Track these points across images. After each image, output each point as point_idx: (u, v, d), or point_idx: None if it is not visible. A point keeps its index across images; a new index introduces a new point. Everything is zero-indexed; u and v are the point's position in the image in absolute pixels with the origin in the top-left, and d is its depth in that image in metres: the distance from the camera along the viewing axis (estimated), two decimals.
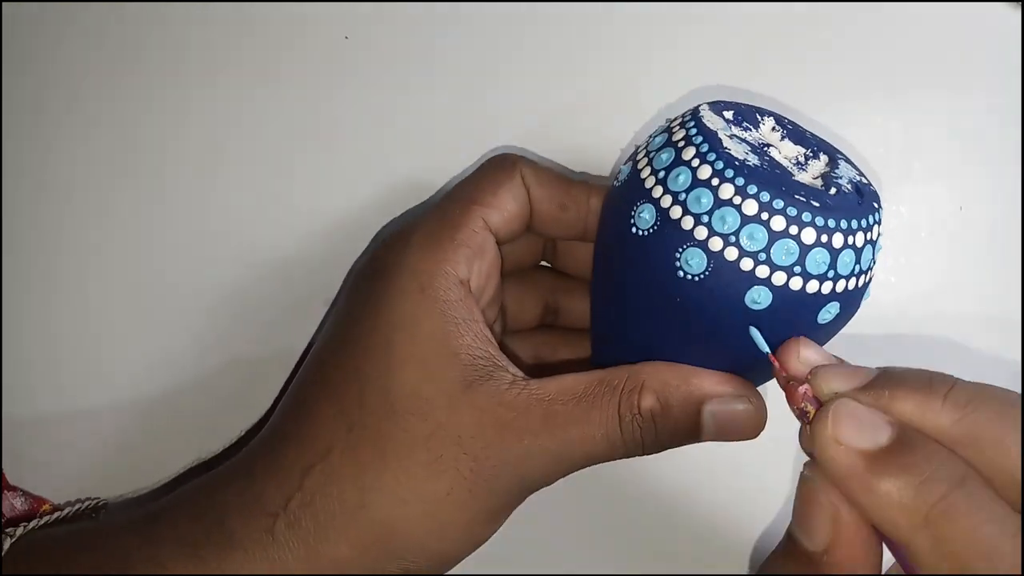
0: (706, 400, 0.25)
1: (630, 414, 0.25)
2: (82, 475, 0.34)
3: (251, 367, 0.34)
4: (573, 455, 0.26)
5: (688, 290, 0.24)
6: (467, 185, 0.29)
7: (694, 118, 0.26)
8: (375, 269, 0.28)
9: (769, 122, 0.27)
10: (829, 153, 0.27)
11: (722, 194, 0.24)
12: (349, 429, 0.26)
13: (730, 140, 0.25)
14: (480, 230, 0.28)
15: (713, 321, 0.24)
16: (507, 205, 0.29)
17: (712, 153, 0.24)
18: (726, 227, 0.23)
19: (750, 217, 0.23)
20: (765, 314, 0.24)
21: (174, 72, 0.33)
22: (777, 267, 0.23)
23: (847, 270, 0.24)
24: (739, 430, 0.26)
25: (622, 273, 0.26)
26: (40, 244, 0.34)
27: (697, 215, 0.24)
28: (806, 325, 0.25)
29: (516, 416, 0.25)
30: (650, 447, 0.26)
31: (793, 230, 0.23)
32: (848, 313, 0.26)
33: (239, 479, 0.27)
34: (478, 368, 0.26)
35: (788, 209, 0.23)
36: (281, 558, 0.25)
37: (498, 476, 0.25)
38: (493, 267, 0.29)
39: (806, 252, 0.23)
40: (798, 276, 0.24)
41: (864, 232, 0.24)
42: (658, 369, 0.26)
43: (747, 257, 0.23)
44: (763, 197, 0.23)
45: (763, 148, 0.26)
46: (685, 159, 0.24)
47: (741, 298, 0.24)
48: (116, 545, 0.26)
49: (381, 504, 0.25)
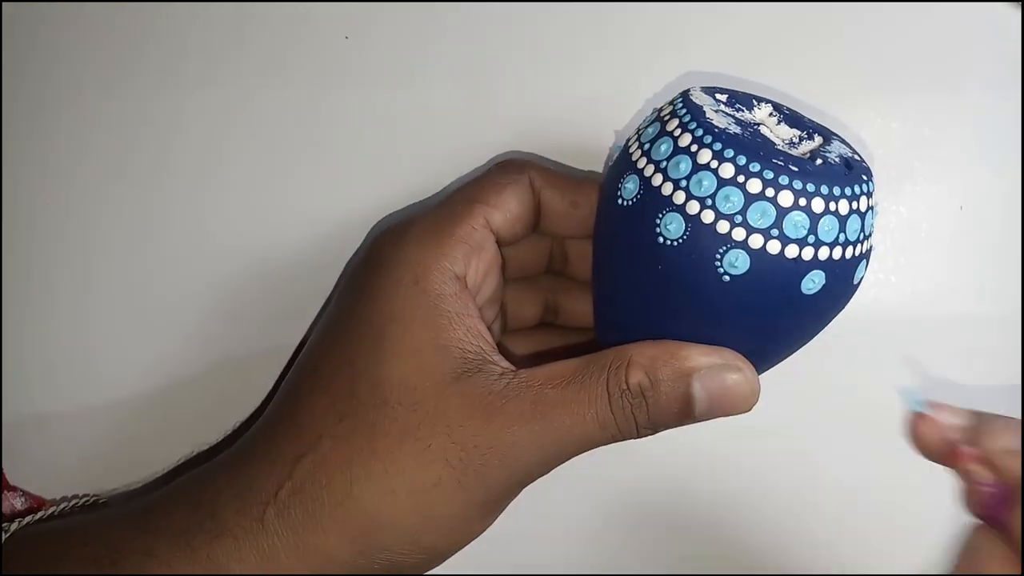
0: (695, 372, 0.25)
1: (619, 390, 0.25)
2: (79, 472, 0.34)
3: (247, 364, 0.34)
4: (564, 439, 0.25)
5: (668, 255, 0.24)
6: (472, 184, 0.30)
7: (683, 96, 0.26)
8: (371, 261, 0.28)
9: (766, 108, 0.28)
10: (824, 135, 0.27)
11: (700, 159, 0.24)
12: (340, 419, 0.26)
13: (715, 114, 0.25)
14: (480, 228, 0.28)
15: (693, 288, 0.24)
16: (511, 206, 0.29)
17: (694, 123, 0.24)
18: (702, 190, 0.24)
19: (726, 180, 0.23)
20: (744, 280, 0.24)
21: (172, 71, 0.33)
22: (753, 229, 0.23)
23: (829, 237, 0.24)
24: (731, 402, 0.26)
25: (610, 246, 0.27)
26: (37, 243, 0.33)
27: (676, 180, 0.24)
28: (790, 295, 0.24)
29: (505, 403, 0.25)
30: (644, 426, 0.26)
31: (770, 192, 0.23)
32: (837, 288, 0.25)
33: (232, 469, 0.27)
34: (468, 361, 0.26)
35: (765, 172, 0.23)
36: (271, 546, 0.25)
37: (488, 465, 0.25)
38: (491, 265, 0.29)
39: (783, 215, 0.23)
40: (775, 239, 0.23)
41: (848, 200, 0.24)
42: (646, 346, 0.26)
43: (723, 220, 0.23)
44: (739, 160, 0.24)
45: (752, 126, 0.26)
46: (668, 130, 0.25)
47: (718, 261, 0.24)
48: (110, 536, 0.26)
49: (370, 494, 0.25)
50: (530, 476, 0.26)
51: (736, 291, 0.24)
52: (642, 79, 0.33)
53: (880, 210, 0.33)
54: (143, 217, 0.34)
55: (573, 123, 0.33)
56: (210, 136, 0.33)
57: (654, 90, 0.33)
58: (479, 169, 0.33)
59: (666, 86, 0.33)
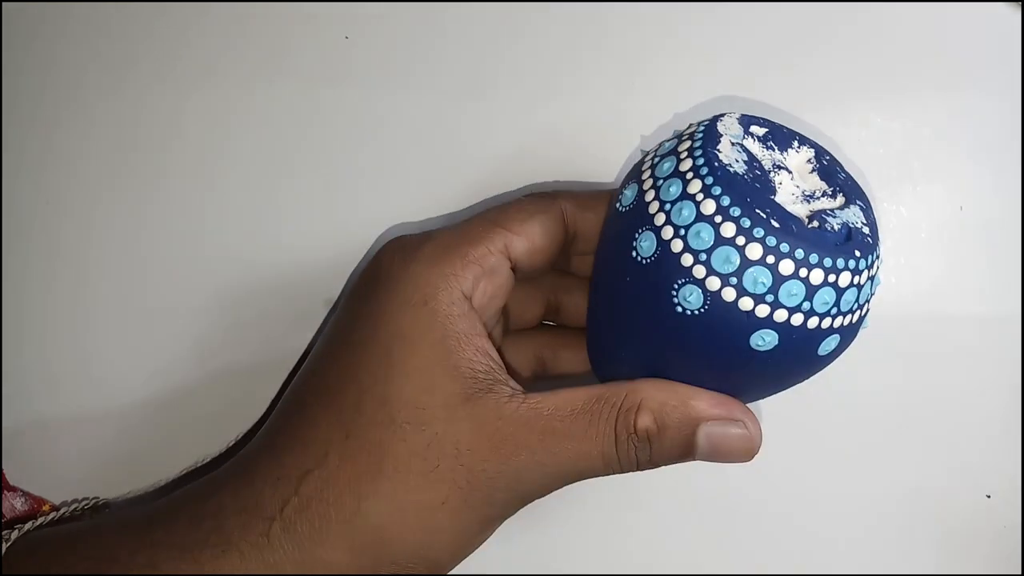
0: (702, 422, 0.26)
1: (626, 433, 0.26)
2: (81, 478, 0.34)
3: (250, 372, 0.34)
4: (568, 471, 0.26)
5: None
6: (500, 208, 0.29)
7: (703, 147, 0.25)
8: (379, 276, 0.28)
9: (806, 153, 0.27)
10: (849, 197, 0.26)
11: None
12: (346, 436, 0.26)
13: (731, 148, 0.25)
14: (496, 252, 0.28)
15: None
16: (535, 236, 0.29)
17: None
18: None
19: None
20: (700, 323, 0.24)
21: (173, 73, 0.33)
22: (714, 272, 0.23)
23: (793, 302, 0.23)
24: (732, 453, 0.26)
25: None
26: (39, 248, 0.33)
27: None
28: (739, 346, 0.24)
29: (514, 431, 0.25)
30: (644, 465, 0.26)
31: (740, 241, 0.23)
32: (792, 354, 0.25)
33: (236, 483, 0.27)
34: (478, 381, 0.26)
35: (742, 220, 0.23)
36: (277, 561, 0.25)
37: (494, 488, 0.26)
38: (500, 290, 0.29)
39: (746, 266, 0.23)
40: (732, 288, 0.23)
41: (825, 271, 0.23)
42: (656, 388, 0.26)
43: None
44: (722, 201, 0.23)
45: (765, 169, 0.25)
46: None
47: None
48: (113, 548, 0.26)
49: (377, 511, 0.25)
50: (532, 498, 0.27)
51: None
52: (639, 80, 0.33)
53: (880, 210, 0.33)
54: (146, 224, 0.33)
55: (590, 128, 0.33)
56: (212, 140, 0.33)
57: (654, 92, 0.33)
58: (510, 195, 0.33)
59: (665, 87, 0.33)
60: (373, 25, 0.33)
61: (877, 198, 0.33)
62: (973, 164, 0.33)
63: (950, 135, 0.33)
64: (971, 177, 0.33)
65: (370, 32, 0.33)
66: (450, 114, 0.33)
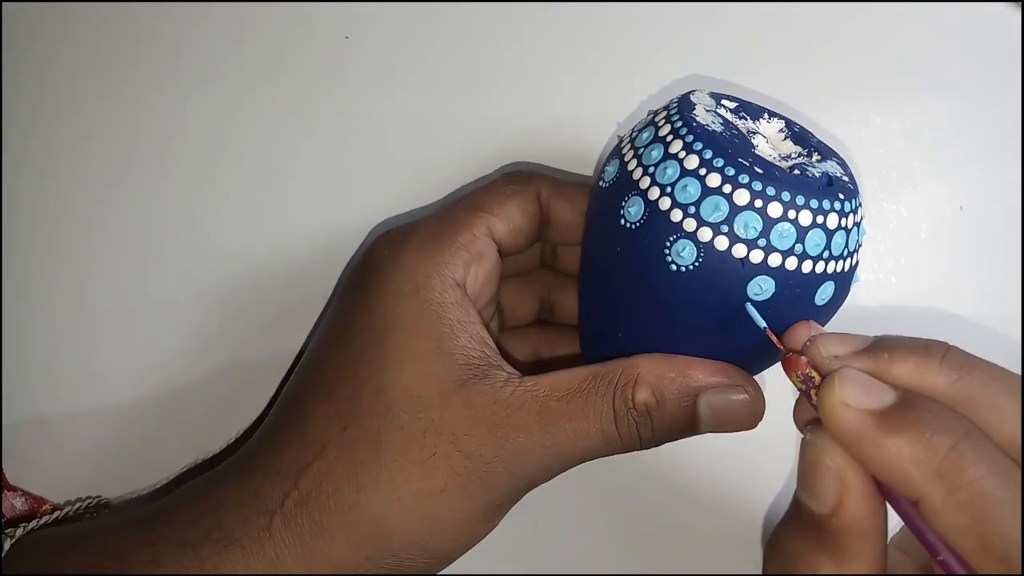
0: (701, 391, 0.25)
1: (624, 408, 0.25)
2: (81, 476, 0.34)
3: (249, 369, 0.34)
4: (569, 452, 0.26)
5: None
6: (476, 193, 0.29)
7: (680, 112, 0.26)
8: (370, 268, 0.28)
9: (776, 123, 0.27)
10: (824, 155, 0.27)
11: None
12: (344, 427, 0.26)
13: (705, 113, 0.25)
14: (482, 236, 0.28)
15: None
16: (515, 217, 0.29)
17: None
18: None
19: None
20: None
21: (172, 72, 0.33)
22: (705, 223, 0.23)
23: (785, 245, 0.23)
24: (736, 421, 0.26)
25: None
26: (39, 246, 0.34)
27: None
28: (738, 297, 0.24)
29: (511, 413, 0.25)
30: (647, 441, 0.26)
31: (727, 188, 0.23)
32: (788, 302, 0.25)
33: (236, 478, 0.27)
34: (473, 367, 0.26)
35: (726, 169, 0.23)
36: (278, 555, 0.25)
37: (493, 473, 0.25)
38: (492, 274, 0.29)
39: (736, 212, 0.23)
40: (724, 236, 0.23)
41: (814, 213, 0.24)
42: (653, 361, 0.26)
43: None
44: (705, 154, 0.24)
45: (741, 131, 0.26)
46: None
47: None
48: (115, 545, 0.26)
49: (376, 501, 0.25)
50: (533, 483, 0.26)
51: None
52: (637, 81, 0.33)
53: (880, 210, 0.33)
54: (144, 222, 0.34)
55: (574, 125, 0.33)
56: (210, 138, 0.33)
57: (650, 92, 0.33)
58: (487, 178, 0.33)
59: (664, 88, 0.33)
60: (373, 25, 0.33)
61: (877, 198, 0.33)
62: (973, 164, 0.33)
63: (950, 135, 0.33)
64: (971, 177, 0.33)
65: (370, 32, 0.33)
66: (444, 113, 0.33)
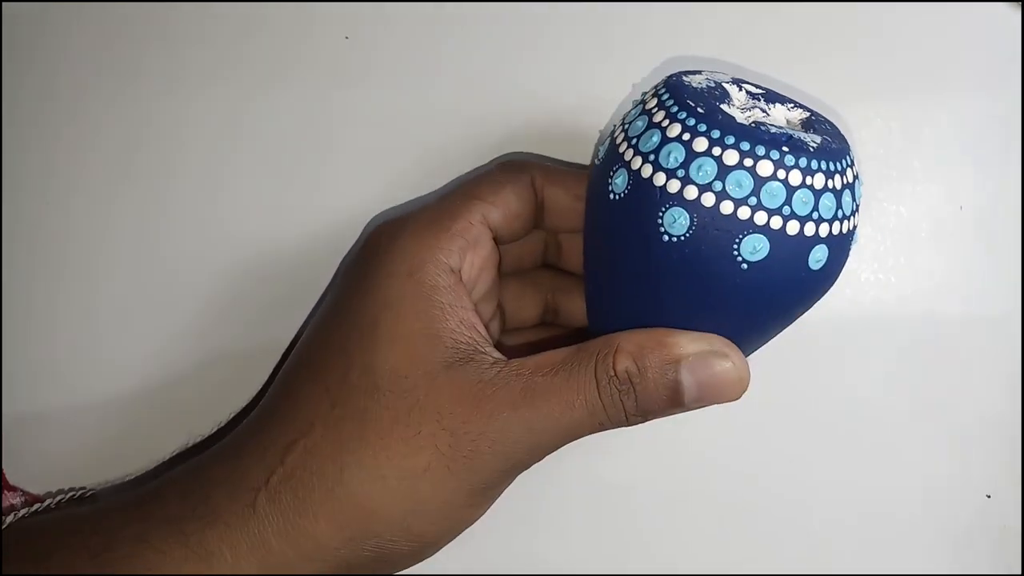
0: (682, 359, 0.25)
1: (607, 377, 0.25)
2: (76, 467, 0.34)
3: (243, 359, 0.34)
4: (554, 427, 0.25)
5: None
6: (472, 181, 0.30)
7: (667, 87, 0.26)
8: (367, 252, 0.29)
9: (784, 107, 0.27)
10: (818, 122, 0.27)
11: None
12: (332, 406, 0.26)
13: (695, 90, 0.25)
14: (477, 223, 0.28)
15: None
16: (510, 204, 0.29)
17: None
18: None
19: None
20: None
21: (173, 70, 0.33)
22: (700, 187, 0.23)
23: (774, 203, 0.24)
24: (720, 390, 0.26)
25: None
26: (35, 241, 0.34)
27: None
28: (730, 266, 0.24)
29: (496, 391, 0.25)
30: (632, 414, 0.26)
31: (715, 151, 0.23)
32: (782, 264, 0.25)
33: (225, 458, 0.27)
34: (460, 351, 0.26)
35: (712, 132, 0.24)
36: (261, 532, 0.25)
37: (477, 452, 0.25)
38: (487, 262, 0.29)
39: (726, 172, 0.23)
40: (713, 193, 0.23)
41: (802, 172, 0.24)
42: (634, 333, 0.26)
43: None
44: (688, 122, 0.24)
45: (723, 97, 0.26)
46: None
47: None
48: (103, 524, 0.26)
49: (359, 480, 0.25)
50: (520, 464, 0.26)
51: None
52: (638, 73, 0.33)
53: (880, 210, 0.33)
54: (138, 214, 0.34)
55: (569, 117, 0.33)
56: (207, 133, 0.33)
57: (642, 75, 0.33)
58: (481, 168, 0.33)
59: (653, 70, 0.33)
60: (373, 25, 0.33)
61: (877, 198, 0.33)
62: (973, 164, 0.33)
63: (950, 135, 0.33)
64: (971, 177, 0.33)
65: (370, 32, 0.33)
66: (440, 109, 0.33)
